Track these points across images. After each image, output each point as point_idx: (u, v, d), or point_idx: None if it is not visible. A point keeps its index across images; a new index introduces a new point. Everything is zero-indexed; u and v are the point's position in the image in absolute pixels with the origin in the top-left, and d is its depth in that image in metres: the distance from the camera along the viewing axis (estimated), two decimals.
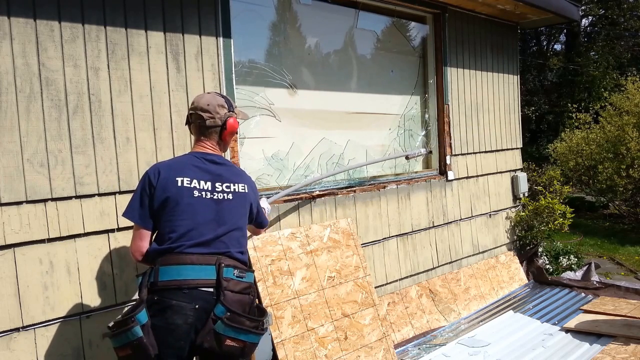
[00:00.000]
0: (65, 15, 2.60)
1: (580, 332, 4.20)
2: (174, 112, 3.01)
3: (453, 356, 3.90)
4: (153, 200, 2.18)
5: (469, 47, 5.19)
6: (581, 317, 4.48)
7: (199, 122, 2.31)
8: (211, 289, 2.09)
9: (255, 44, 3.69)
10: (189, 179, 2.20)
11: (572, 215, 5.82)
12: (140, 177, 2.83)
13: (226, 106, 2.34)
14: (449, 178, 4.94)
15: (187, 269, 2.10)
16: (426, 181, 4.72)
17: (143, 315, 2.02)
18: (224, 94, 3.25)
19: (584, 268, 5.99)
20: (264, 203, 3.01)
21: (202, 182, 2.22)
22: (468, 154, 5.20)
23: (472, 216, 5.24)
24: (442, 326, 4.44)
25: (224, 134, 2.34)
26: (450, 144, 4.96)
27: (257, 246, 3.35)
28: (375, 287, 4.14)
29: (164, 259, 2.13)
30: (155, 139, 2.94)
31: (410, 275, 4.53)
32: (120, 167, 2.79)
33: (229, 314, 2.05)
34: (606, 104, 9.65)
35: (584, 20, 17.57)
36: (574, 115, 9.91)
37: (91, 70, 2.70)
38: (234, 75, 3.34)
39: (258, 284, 3.25)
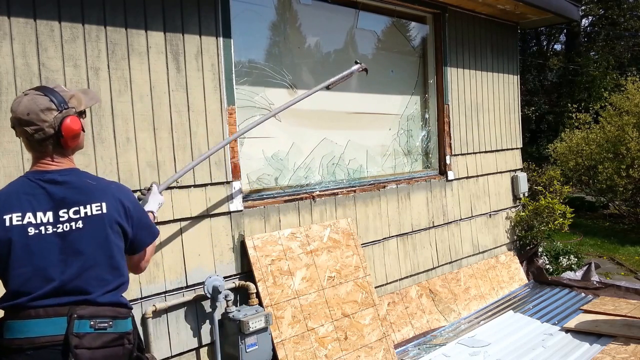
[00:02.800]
0: (65, 15, 2.60)
1: (580, 332, 4.20)
2: (174, 112, 3.01)
3: (453, 356, 3.90)
4: None
5: (469, 47, 5.19)
6: (581, 317, 4.48)
7: (25, 137, 1.77)
8: (59, 348, 1.68)
9: (255, 44, 3.69)
10: (19, 215, 1.73)
11: (572, 215, 5.83)
12: (140, 177, 2.85)
13: (54, 106, 1.76)
14: (449, 178, 4.94)
15: (30, 325, 1.70)
16: (426, 181, 4.72)
17: None
18: (224, 93, 3.25)
19: (584, 268, 5.99)
20: (153, 197, 2.45)
21: (39, 214, 1.75)
22: (468, 154, 5.20)
23: (472, 216, 5.24)
24: (442, 326, 4.44)
25: (62, 141, 1.78)
26: (450, 144, 4.96)
27: (257, 246, 3.35)
28: (375, 287, 4.14)
29: (8, 313, 1.75)
30: (155, 139, 2.94)
31: (410, 275, 4.53)
32: (120, 167, 2.79)
33: None
34: (606, 104, 9.65)
35: (584, 20, 17.58)
36: (574, 115, 9.91)
37: (91, 70, 2.70)
38: (234, 75, 3.34)
39: (258, 284, 3.25)
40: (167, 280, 2.96)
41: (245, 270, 3.33)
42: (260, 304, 3.23)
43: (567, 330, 4.27)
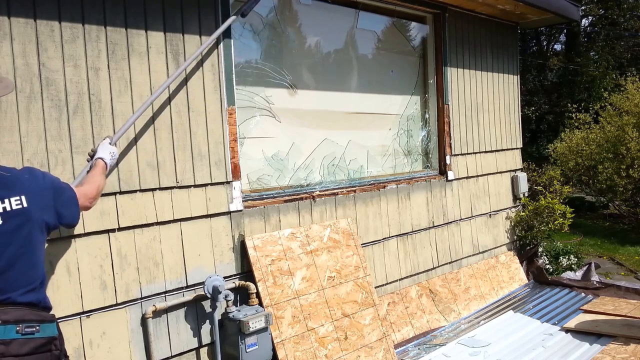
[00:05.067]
0: (65, 15, 2.60)
1: (580, 332, 4.20)
2: (174, 112, 3.01)
3: (453, 356, 3.90)
4: None
5: (469, 47, 5.19)
6: (581, 317, 4.48)
7: None
8: None
9: (255, 44, 3.69)
10: None
11: (572, 215, 5.83)
12: (140, 177, 2.85)
13: None
14: (449, 178, 4.94)
15: None
16: (426, 181, 4.72)
17: None
18: (224, 93, 3.25)
19: (584, 268, 5.99)
20: (102, 147, 2.50)
21: None
22: (468, 154, 5.20)
23: (472, 216, 5.24)
24: (442, 326, 4.44)
25: None
26: (450, 144, 4.96)
27: (257, 246, 3.35)
28: (375, 287, 4.14)
29: None
30: (155, 139, 2.94)
31: (410, 275, 4.53)
32: (120, 167, 2.79)
33: None
34: (606, 104, 9.65)
35: (584, 20, 17.58)
36: (574, 116, 9.91)
37: (91, 70, 2.70)
38: (234, 75, 3.34)
39: (258, 284, 3.25)
40: (167, 280, 2.97)
41: (246, 270, 3.33)
42: (260, 304, 3.23)
43: (567, 330, 4.27)
